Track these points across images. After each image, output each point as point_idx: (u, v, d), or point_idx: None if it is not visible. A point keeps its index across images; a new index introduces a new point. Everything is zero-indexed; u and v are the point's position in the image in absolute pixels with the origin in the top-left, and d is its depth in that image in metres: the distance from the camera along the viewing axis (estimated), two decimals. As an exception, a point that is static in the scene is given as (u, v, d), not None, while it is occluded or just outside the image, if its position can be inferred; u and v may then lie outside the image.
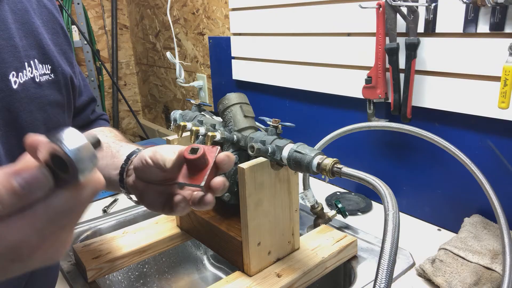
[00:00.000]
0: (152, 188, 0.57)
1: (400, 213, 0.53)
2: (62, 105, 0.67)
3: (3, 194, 0.28)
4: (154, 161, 0.54)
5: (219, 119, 0.84)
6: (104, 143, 0.73)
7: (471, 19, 0.79)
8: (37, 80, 0.61)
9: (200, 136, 0.79)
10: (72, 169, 0.30)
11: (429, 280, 0.75)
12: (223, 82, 1.55)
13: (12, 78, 0.57)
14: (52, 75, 0.64)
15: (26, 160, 0.31)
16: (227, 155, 0.52)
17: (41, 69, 0.62)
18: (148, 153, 0.58)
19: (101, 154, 0.70)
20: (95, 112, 0.86)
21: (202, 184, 0.49)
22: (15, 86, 0.57)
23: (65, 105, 0.68)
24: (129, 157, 0.63)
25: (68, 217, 0.32)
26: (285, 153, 0.66)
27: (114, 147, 0.69)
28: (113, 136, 0.76)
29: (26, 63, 0.60)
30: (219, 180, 0.50)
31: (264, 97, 1.36)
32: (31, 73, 0.60)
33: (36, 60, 0.62)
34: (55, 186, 0.30)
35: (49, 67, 0.64)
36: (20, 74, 0.58)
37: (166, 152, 0.54)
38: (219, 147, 0.53)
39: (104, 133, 0.79)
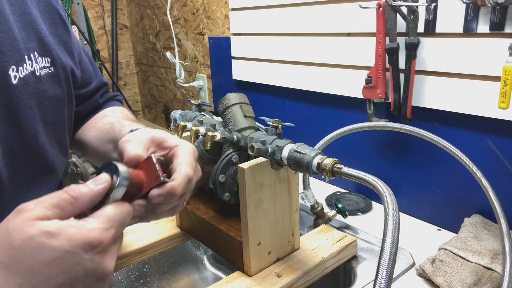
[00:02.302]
0: None
1: (400, 213, 0.53)
2: (62, 100, 0.64)
3: (78, 185, 0.40)
4: (121, 158, 0.51)
5: (219, 119, 0.84)
6: (110, 123, 0.71)
7: (471, 19, 0.79)
8: (37, 74, 0.59)
9: (200, 136, 0.79)
10: (118, 176, 0.43)
11: (429, 280, 0.75)
12: (223, 82, 1.55)
13: (12, 73, 0.55)
14: (51, 68, 0.61)
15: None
16: (162, 195, 0.45)
17: (41, 62, 0.60)
18: (118, 147, 0.56)
19: (107, 137, 0.68)
20: (106, 94, 0.83)
21: None
22: (14, 82, 0.55)
23: (65, 100, 0.65)
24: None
25: (120, 229, 0.42)
26: (285, 153, 0.66)
27: (117, 127, 0.68)
28: (122, 117, 0.74)
29: (26, 56, 0.57)
30: (134, 206, 0.45)
31: (264, 97, 1.36)
32: (31, 66, 0.58)
33: (36, 52, 0.59)
34: (104, 199, 0.42)
35: (49, 60, 0.61)
36: (20, 68, 0.56)
37: (130, 147, 0.50)
38: (161, 179, 0.46)
39: (114, 113, 0.77)
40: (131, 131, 0.61)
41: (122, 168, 0.43)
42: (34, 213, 0.37)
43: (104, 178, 0.42)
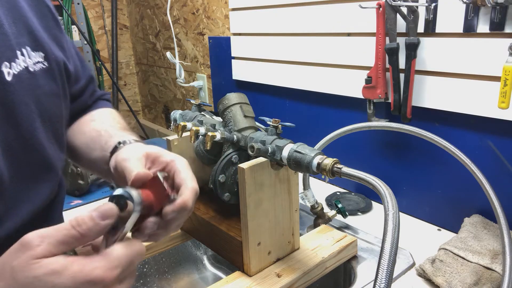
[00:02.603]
0: None
1: (400, 213, 0.53)
2: (58, 95, 0.63)
3: (84, 219, 0.40)
4: (121, 175, 0.53)
5: (219, 119, 0.84)
6: (97, 131, 0.70)
7: (471, 19, 0.79)
8: (31, 69, 0.57)
9: (200, 136, 0.79)
10: (130, 207, 0.43)
11: (429, 280, 0.75)
12: (223, 82, 1.55)
13: (5, 69, 0.53)
14: (45, 63, 0.60)
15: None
16: (175, 211, 0.48)
17: (34, 57, 0.58)
18: (112, 163, 0.57)
19: (94, 146, 0.67)
20: (95, 93, 0.81)
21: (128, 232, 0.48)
22: (8, 78, 0.53)
23: (61, 95, 0.64)
24: (112, 155, 0.62)
25: (129, 268, 0.42)
26: (285, 153, 0.66)
27: (104, 136, 0.67)
28: (109, 124, 0.73)
29: (18, 52, 0.55)
30: (147, 223, 0.47)
31: (264, 97, 1.36)
32: (25, 62, 0.56)
33: (28, 47, 0.57)
34: (118, 224, 0.42)
35: (42, 55, 0.60)
36: (13, 64, 0.54)
37: (132, 165, 0.52)
38: (171, 197, 0.48)
39: (101, 118, 0.75)
40: (119, 143, 0.62)
41: (135, 194, 0.44)
42: (39, 251, 0.38)
43: (111, 212, 0.41)
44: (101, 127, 0.71)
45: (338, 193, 1.15)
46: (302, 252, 0.80)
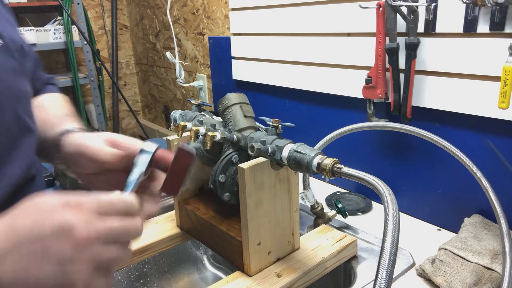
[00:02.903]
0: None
1: (400, 213, 0.53)
2: (19, 72, 0.61)
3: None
4: (91, 159, 0.56)
5: (219, 119, 0.84)
6: (42, 120, 0.68)
7: (471, 19, 0.79)
8: None
9: (200, 136, 0.79)
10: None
11: (429, 280, 0.75)
12: (223, 82, 1.55)
13: None
14: (0, 41, 0.58)
15: None
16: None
17: None
18: (69, 149, 0.59)
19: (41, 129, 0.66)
20: (42, 77, 0.79)
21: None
22: None
23: (22, 72, 0.62)
24: (56, 146, 0.61)
25: (110, 210, 0.43)
26: (285, 153, 0.66)
27: (47, 125, 0.66)
28: (55, 109, 0.72)
29: None
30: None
31: (264, 97, 1.36)
32: None
33: None
34: None
35: None
36: None
37: (98, 148, 0.55)
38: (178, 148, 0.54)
39: (48, 104, 0.73)
40: (62, 133, 0.62)
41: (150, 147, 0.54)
42: (45, 195, 0.42)
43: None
44: (45, 116, 0.69)
45: (338, 193, 1.15)
46: (302, 252, 0.80)
